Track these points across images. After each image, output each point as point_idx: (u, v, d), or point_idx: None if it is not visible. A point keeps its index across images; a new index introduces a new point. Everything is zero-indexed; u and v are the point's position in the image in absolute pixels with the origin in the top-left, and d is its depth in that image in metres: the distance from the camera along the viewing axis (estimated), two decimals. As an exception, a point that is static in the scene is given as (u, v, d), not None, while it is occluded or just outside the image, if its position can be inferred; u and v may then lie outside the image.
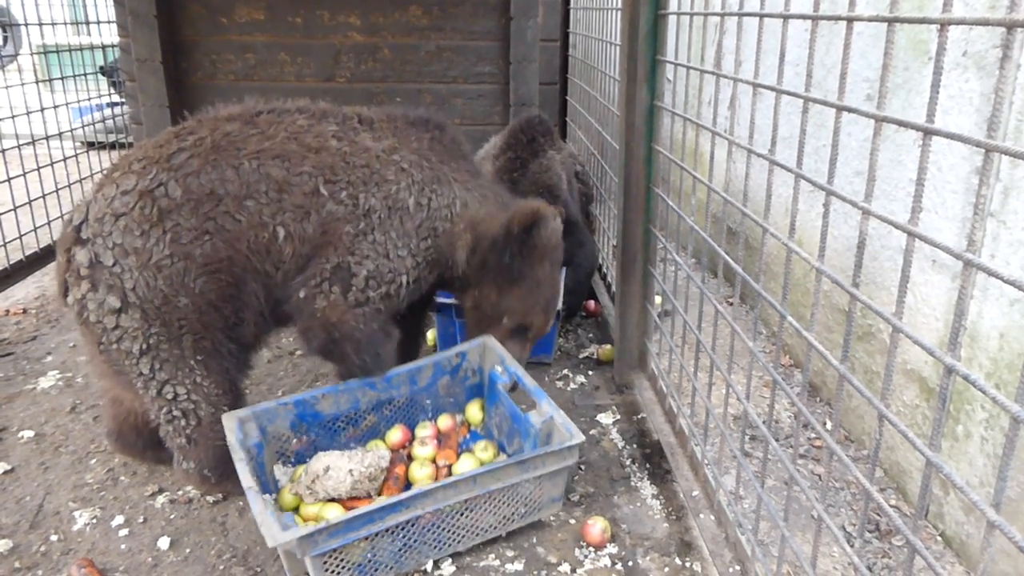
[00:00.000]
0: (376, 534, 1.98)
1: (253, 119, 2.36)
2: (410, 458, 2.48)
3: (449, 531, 2.12)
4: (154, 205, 2.15)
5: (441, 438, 2.58)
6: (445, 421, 2.62)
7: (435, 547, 2.12)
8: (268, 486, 2.32)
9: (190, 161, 2.21)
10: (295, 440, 2.44)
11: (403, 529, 2.03)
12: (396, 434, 2.54)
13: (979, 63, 2.08)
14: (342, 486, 2.19)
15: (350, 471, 2.20)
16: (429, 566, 2.14)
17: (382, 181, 2.38)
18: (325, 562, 1.95)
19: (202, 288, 2.19)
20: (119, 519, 2.36)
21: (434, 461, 2.45)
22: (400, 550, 2.06)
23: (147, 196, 2.16)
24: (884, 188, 2.55)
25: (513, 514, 2.21)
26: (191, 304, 2.18)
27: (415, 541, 2.07)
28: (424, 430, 2.57)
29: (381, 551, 2.03)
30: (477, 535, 2.19)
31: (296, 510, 2.24)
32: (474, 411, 2.67)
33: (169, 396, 2.26)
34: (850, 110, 1.41)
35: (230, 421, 2.25)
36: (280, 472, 2.40)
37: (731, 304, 3.96)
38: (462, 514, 2.12)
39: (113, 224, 2.14)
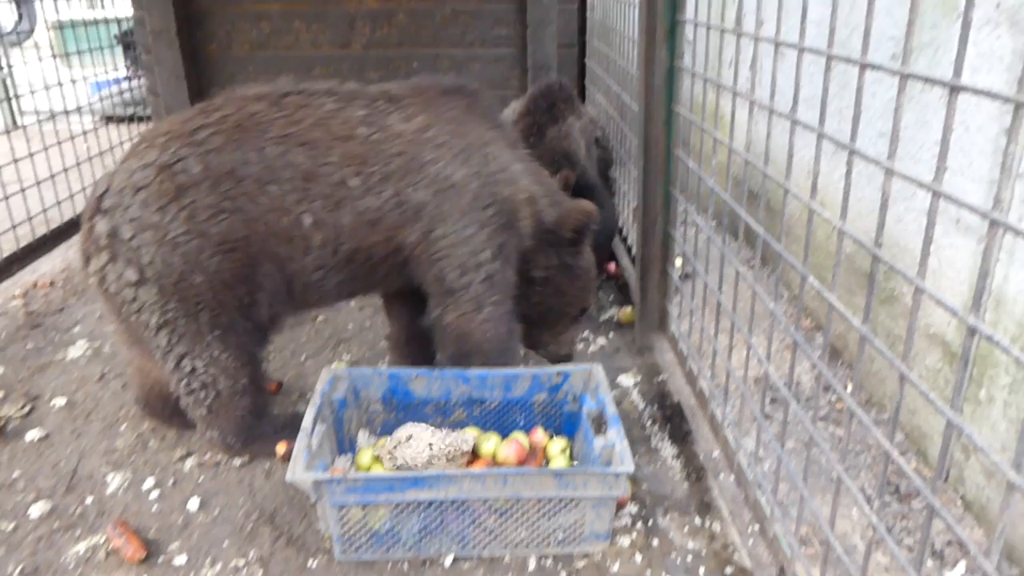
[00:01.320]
0: (397, 506, 1.99)
1: (280, 100, 2.30)
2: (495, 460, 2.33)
3: (475, 529, 2.05)
4: (173, 180, 2.14)
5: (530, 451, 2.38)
6: (538, 435, 2.43)
7: (458, 541, 2.07)
8: (344, 445, 2.39)
9: (212, 138, 2.19)
10: (384, 412, 2.49)
11: (424, 510, 2.01)
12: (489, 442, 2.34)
13: (1012, 18, 2.03)
14: (419, 457, 2.16)
15: (430, 444, 2.18)
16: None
17: (420, 166, 2.30)
18: (343, 516, 1.99)
19: (217, 267, 2.18)
20: (150, 482, 2.42)
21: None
22: (420, 531, 2.04)
23: (166, 171, 2.15)
24: (909, 149, 2.52)
25: (550, 536, 2.08)
26: (206, 282, 2.18)
27: (436, 527, 2.04)
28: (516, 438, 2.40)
29: (401, 526, 2.03)
30: (506, 545, 2.08)
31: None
32: (556, 450, 2.39)
33: (187, 369, 2.29)
34: (874, 67, 1.38)
35: (326, 374, 2.34)
36: (363, 438, 2.45)
37: (752, 267, 3.94)
38: (491, 515, 2.04)
39: (132, 197, 2.14)
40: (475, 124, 2.45)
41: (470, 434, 2.29)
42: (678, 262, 3.06)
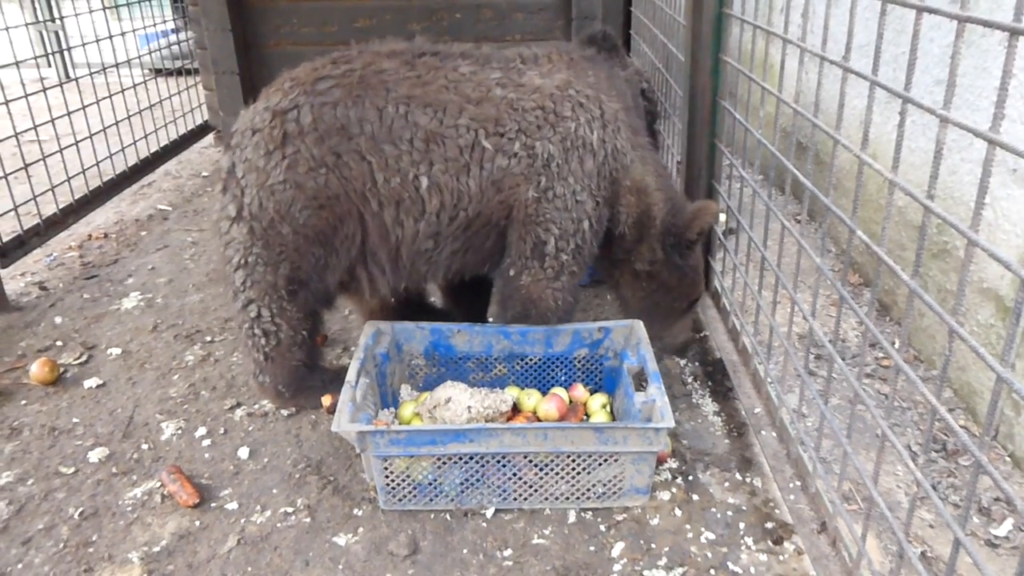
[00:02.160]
0: (439, 459, 2.03)
1: (413, 60, 2.26)
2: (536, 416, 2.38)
3: (515, 482, 2.07)
4: (282, 127, 2.17)
5: (571, 406, 2.43)
6: (579, 390, 2.46)
7: (499, 495, 2.09)
8: (387, 399, 2.44)
9: (332, 90, 2.18)
10: (426, 366, 2.52)
11: (466, 463, 2.04)
12: (530, 398, 2.40)
13: (1080, -44, 1.92)
14: (458, 419, 2.19)
15: (468, 407, 2.21)
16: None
17: (558, 120, 2.25)
18: (387, 468, 2.04)
19: (305, 221, 2.20)
20: (202, 430, 2.50)
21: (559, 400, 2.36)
22: (461, 484, 2.08)
23: (279, 117, 2.18)
24: (967, 97, 2.42)
25: (590, 490, 2.10)
26: (291, 234, 2.22)
27: (477, 480, 2.07)
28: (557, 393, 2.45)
29: (443, 478, 2.06)
30: (546, 498, 2.10)
31: None
32: (596, 406, 2.42)
33: (253, 314, 2.35)
34: (932, 11, 1.33)
35: (369, 328, 2.38)
36: (405, 392, 2.50)
37: (799, 222, 3.86)
38: (531, 469, 2.06)
39: (250, 138, 2.21)
40: (612, 95, 2.40)
41: (508, 394, 2.31)
42: (722, 217, 3.00)
